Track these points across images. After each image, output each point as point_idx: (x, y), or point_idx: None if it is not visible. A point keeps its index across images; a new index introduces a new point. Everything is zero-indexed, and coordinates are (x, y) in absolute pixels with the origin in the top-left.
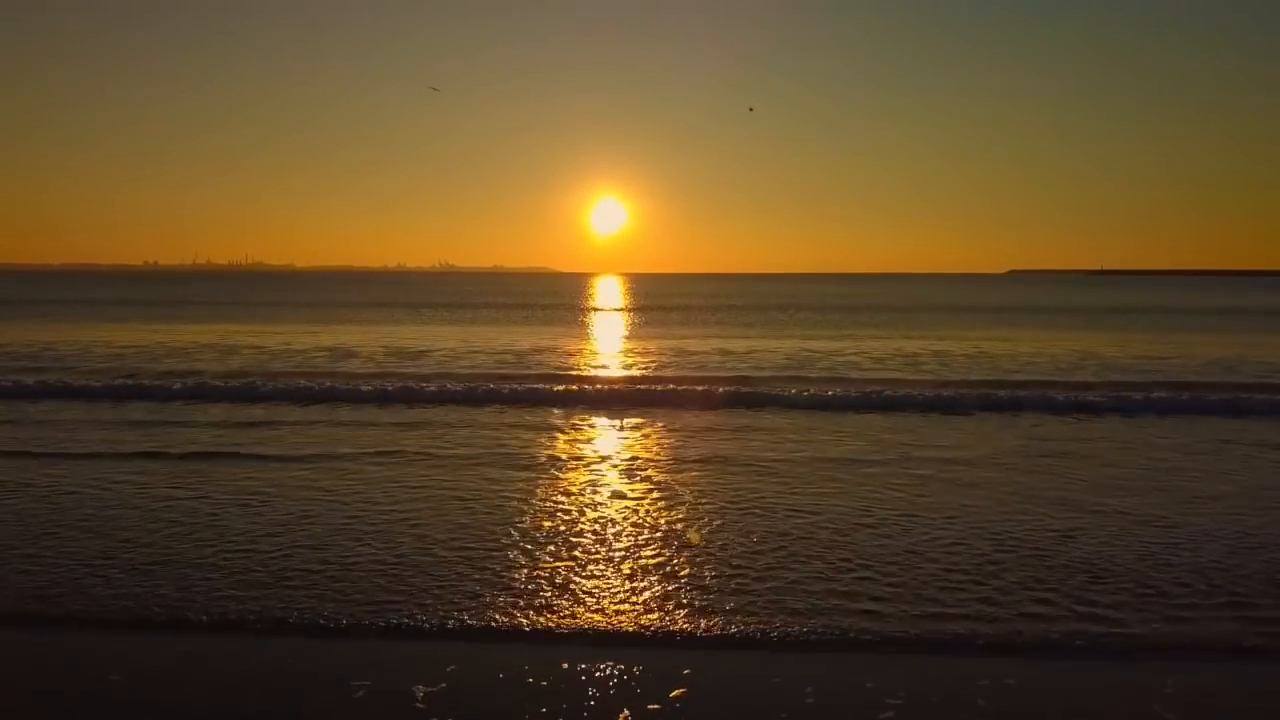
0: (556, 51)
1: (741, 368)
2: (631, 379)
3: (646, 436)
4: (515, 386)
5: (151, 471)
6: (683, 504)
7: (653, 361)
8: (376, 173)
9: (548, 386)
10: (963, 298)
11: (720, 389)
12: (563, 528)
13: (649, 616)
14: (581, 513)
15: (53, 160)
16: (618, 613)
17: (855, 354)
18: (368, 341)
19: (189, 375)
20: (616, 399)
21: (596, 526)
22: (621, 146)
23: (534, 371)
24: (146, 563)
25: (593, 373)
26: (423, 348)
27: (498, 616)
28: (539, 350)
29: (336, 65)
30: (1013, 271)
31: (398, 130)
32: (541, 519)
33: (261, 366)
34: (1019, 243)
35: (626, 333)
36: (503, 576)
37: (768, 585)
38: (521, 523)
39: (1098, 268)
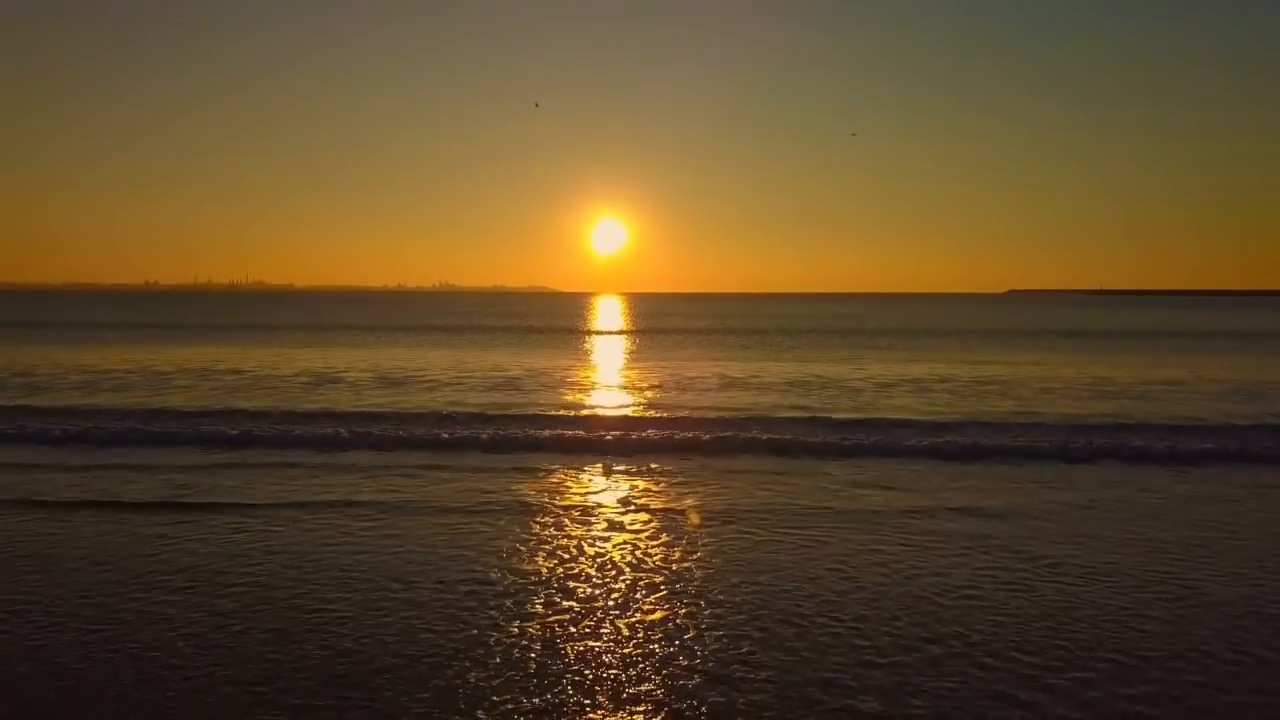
0: (557, 71)
1: (741, 396)
2: (623, 417)
3: (644, 502)
4: (495, 432)
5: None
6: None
7: (649, 392)
8: (377, 193)
9: (528, 432)
10: (964, 318)
11: (724, 433)
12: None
13: None
14: (566, 564)
15: (54, 181)
16: None
17: (859, 380)
18: (354, 364)
19: (137, 411)
20: (598, 447)
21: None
22: (622, 166)
23: (520, 401)
24: None
25: (579, 409)
26: (411, 371)
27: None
28: (531, 375)
29: (336, 85)
30: (1012, 291)
31: (398, 150)
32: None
33: (222, 398)
34: (1019, 262)
35: (623, 357)
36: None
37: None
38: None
39: (1098, 287)
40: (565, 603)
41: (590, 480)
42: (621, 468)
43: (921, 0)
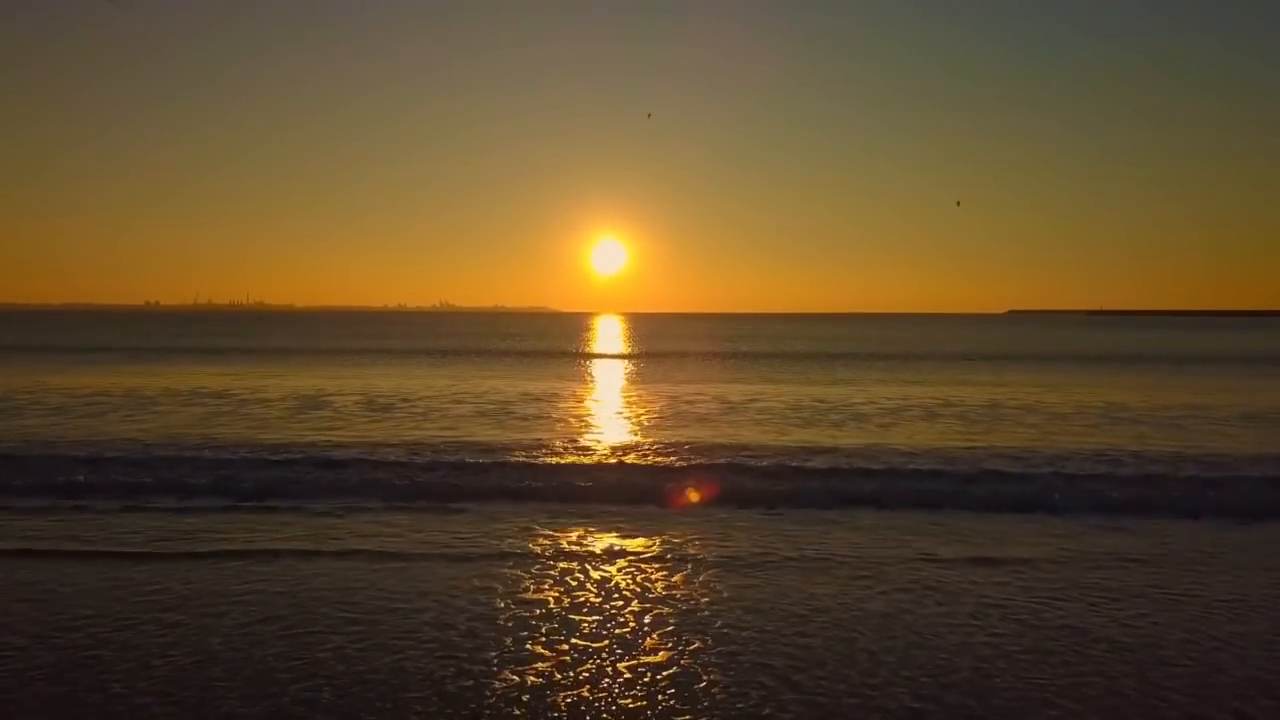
0: (557, 92)
1: (742, 421)
2: (617, 462)
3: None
4: (473, 482)
5: None
6: None
7: (644, 421)
8: (376, 214)
9: (511, 483)
10: (968, 339)
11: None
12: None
13: None
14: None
15: (58, 205)
16: None
17: (864, 402)
18: (344, 388)
19: (107, 442)
20: (590, 496)
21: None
22: (623, 187)
23: (507, 437)
24: None
25: (570, 445)
26: (402, 395)
27: None
28: (525, 400)
29: (336, 108)
30: (1012, 311)
31: (397, 172)
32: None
33: (201, 423)
34: (1018, 282)
35: (620, 380)
36: None
37: None
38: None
39: (1097, 308)
40: (561, 655)
41: (582, 528)
42: (614, 516)
43: (922, 21)
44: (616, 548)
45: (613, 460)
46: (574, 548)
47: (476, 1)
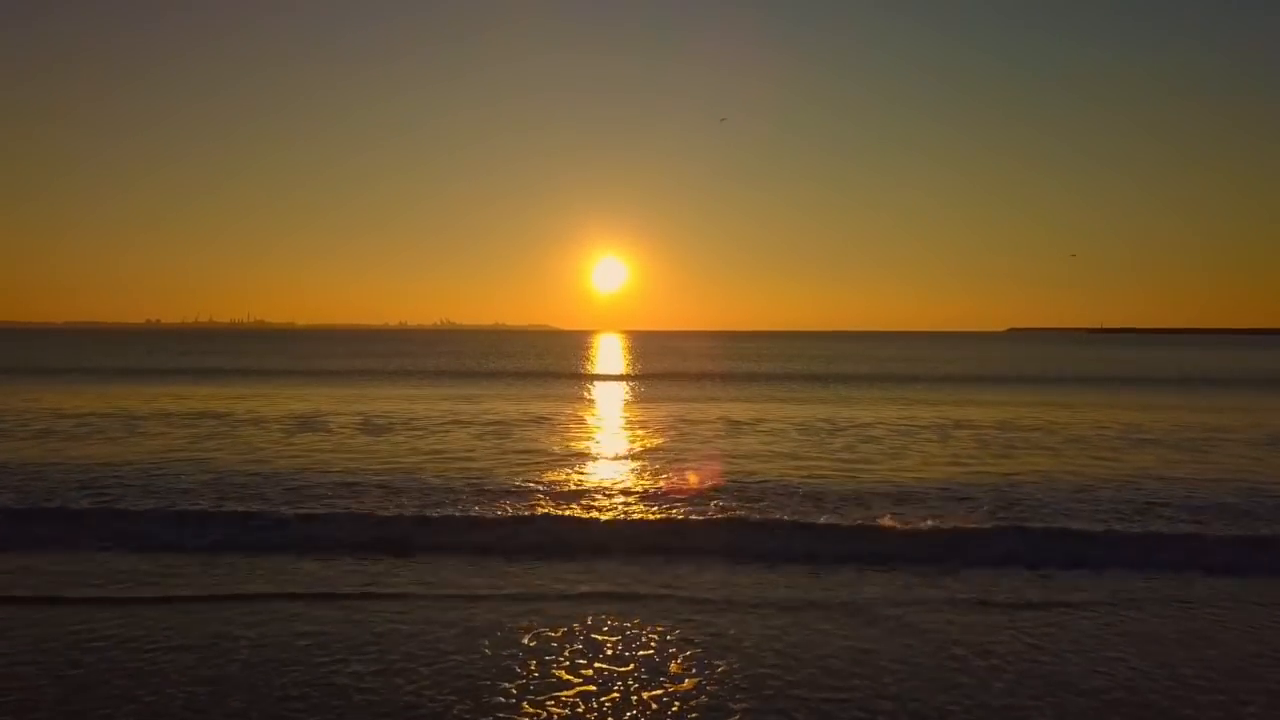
0: (558, 110)
1: (752, 456)
2: (616, 504)
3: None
4: (459, 538)
5: None
6: None
7: (645, 445)
8: (378, 231)
9: (500, 531)
10: (970, 357)
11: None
12: None
13: None
14: None
15: (60, 224)
16: None
17: (875, 421)
18: (341, 408)
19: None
20: (587, 543)
21: None
22: (624, 205)
23: (495, 482)
24: None
25: (566, 478)
26: (397, 418)
27: None
28: (523, 424)
29: (337, 126)
30: (1013, 329)
31: (398, 189)
32: None
33: (188, 447)
34: (1019, 299)
35: (620, 399)
36: None
37: None
38: None
39: (1098, 326)
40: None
41: (577, 574)
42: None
43: (924, 37)
44: (615, 589)
45: (618, 504)
46: (573, 597)
47: (476, 19)
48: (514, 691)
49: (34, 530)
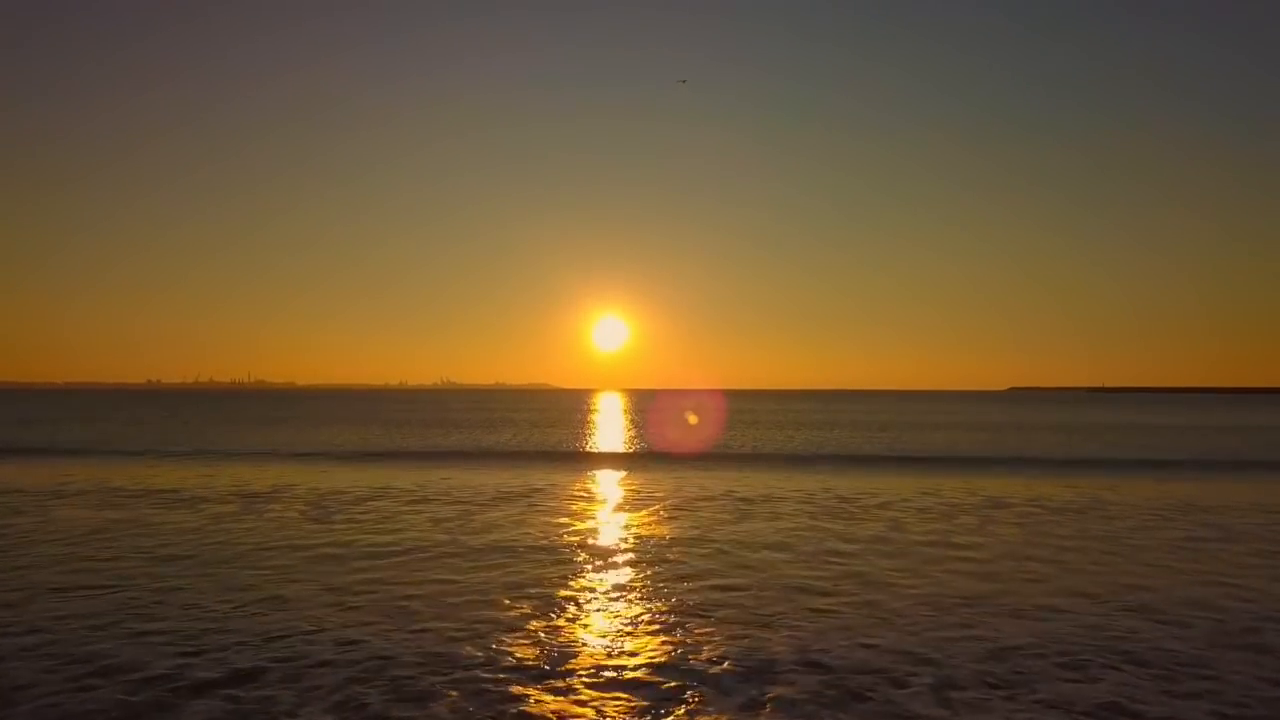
0: (558, 169)
1: (763, 531)
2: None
3: None
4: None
5: None
6: None
7: (645, 524)
8: (377, 294)
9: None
10: (981, 417)
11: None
12: None
13: None
14: None
15: (65, 290)
16: None
17: (893, 497)
18: (305, 480)
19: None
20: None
21: None
22: (625, 264)
23: (472, 573)
24: None
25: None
26: (362, 492)
27: None
28: (506, 498)
29: (337, 190)
30: (1013, 389)
31: (399, 252)
32: None
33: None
34: (1019, 358)
35: (618, 469)
36: None
37: None
38: None
39: (1098, 385)
40: None
41: None
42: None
43: (926, 97)
44: None
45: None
46: None
47: (473, 81)
48: None
49: None
